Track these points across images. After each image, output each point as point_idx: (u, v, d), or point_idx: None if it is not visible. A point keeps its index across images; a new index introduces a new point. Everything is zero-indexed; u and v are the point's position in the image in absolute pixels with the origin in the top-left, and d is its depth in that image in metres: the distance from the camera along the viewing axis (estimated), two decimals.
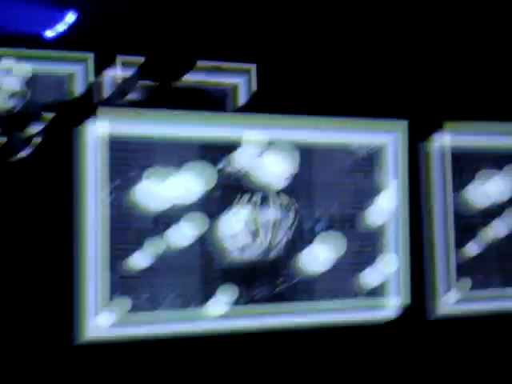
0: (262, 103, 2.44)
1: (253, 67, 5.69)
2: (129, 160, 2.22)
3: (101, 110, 2.24)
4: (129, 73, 5.26)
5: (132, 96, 4.97)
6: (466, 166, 2.52)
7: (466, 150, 2.53)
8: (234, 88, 5.62)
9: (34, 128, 2.48)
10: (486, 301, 2.60)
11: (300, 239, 2.37)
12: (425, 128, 2.51)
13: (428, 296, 2.54)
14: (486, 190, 2.52)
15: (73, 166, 2.16)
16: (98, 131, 2.15)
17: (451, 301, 2.52)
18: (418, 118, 2.51)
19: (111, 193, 2.19)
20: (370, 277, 2.42)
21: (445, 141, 2.52)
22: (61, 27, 4.56)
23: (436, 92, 5.43)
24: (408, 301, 2.46)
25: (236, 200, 2.35)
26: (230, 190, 2.37)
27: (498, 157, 2.59)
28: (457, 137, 2.55)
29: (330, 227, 2.37)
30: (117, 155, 2.20)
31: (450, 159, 2.54)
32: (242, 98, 5.68)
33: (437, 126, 2.53)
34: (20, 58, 4.19)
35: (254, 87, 5.64)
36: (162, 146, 2.26)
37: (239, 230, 2.32)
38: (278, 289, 2.33)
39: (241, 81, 5.71)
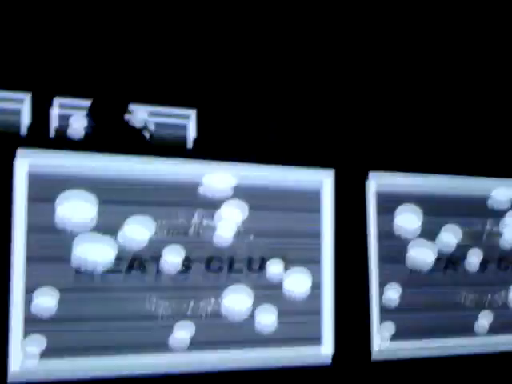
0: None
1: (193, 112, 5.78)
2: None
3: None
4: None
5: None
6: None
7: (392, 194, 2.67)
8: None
9: None
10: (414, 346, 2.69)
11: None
12: (351, 177, 2.62)
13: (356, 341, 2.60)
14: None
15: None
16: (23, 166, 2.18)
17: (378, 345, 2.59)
18: (343, 167, 2.61)
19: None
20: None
21: (371, 188, 2.64)
22: None
23: (361, 142, 5.66)
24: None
25: None
26: None
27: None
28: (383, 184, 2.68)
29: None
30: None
31: (376, 204, 2.65)
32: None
33: (363, 175, 2.64)
34: None
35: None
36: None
37: None
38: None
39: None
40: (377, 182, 2.63)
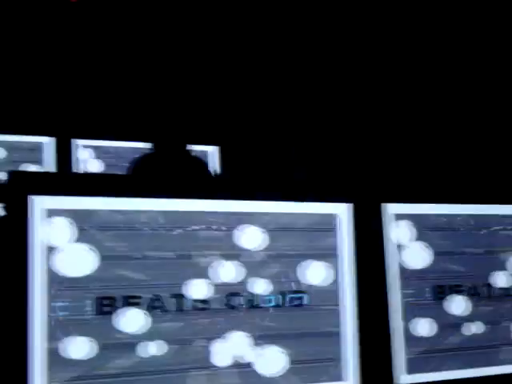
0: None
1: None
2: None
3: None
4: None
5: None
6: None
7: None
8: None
9: None
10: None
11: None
12: (367, 209, 2.62)
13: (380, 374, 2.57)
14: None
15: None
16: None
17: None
18: (360, 200, 2.62)
19: None
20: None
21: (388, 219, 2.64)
22: None
23: (376, 175, 5.65)
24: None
25: None
26: None
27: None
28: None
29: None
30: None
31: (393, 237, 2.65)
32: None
33: (377, 208, 2.64)
34: None
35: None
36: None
37: None
38: None
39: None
40: (394, 213, 2.63)
